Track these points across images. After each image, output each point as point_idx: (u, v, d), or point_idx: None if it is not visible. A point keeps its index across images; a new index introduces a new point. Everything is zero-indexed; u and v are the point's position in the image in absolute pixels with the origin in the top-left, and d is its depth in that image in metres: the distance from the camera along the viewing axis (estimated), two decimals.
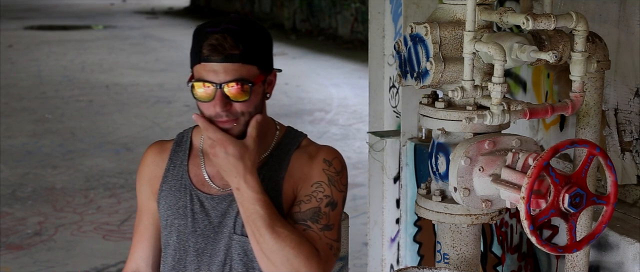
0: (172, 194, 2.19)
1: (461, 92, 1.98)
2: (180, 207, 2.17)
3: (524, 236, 2.76)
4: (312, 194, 2.13)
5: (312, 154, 2.19)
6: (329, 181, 2.15)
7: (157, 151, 2.27)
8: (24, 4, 25.77)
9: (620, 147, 2.50)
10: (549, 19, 1.92)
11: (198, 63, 2.05)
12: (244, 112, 2.06)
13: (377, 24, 3.76)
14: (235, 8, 22.57)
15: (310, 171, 2.15)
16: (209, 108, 2.05)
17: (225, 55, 2.02)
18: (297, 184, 2.15)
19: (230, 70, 2.02)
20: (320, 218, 2.11)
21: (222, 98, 2.03)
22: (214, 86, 2.03)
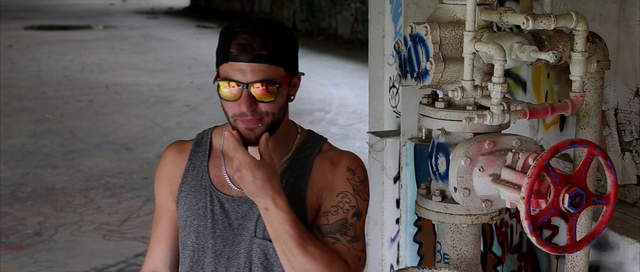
0: (192, 194, 2.18)
1: (461, 92, 1.98)
2: (200, 208, 2.17)
3: (524, 236, 2.76)
4: (339, 205, 2.13)
5: (334, 161, 2.18)
6: (354, 190, 2.15)
7: (176, 151, 2.26)
8: (24, 4, 25.78)
9: (620, 147, 2.50)
10: (549, 19, 1.92)
11: (225, 62, 2.04)
12: (268, 113, 2.05)
13: (377, 24, 3.76)
14: (235, 8, 22.58)
15: (334, 179, 2.15)
16: (234, 107, 2.04)
17: (253, 55, 2.01)
18: (322, 193, 2.15)
19: (258, 71, 2.02)
20: (348, 230, 2.12)
21: (248, 98, 2.02)
22: (240, 86, 2.02)
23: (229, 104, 2.05)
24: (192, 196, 2.18)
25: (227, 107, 2.07)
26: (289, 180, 2.15)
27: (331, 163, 2.17)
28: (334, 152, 2.21)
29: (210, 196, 2.17)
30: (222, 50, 2.06)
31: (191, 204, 2.18)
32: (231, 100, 2.04)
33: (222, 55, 2.05)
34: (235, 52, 2.01)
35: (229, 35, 2.05)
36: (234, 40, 2.02)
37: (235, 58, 2.01)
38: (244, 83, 2.01)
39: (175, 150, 2.26)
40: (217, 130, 2.26)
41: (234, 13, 22.41)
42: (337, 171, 2.16)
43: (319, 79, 12.27)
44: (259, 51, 2.01)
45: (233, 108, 2.05)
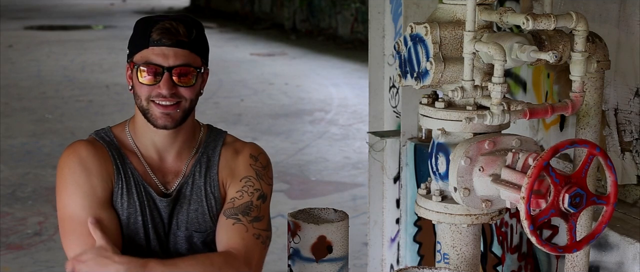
0: (130, 191, 2.23)
1: (461, 92, 1.98)
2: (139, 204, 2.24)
3: (524, 236, 2.76)
4: (243, 189, 2.24)
5: (238, 150, 2.30)
6: (257, 175, 2.27)
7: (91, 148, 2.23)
8: (24, 4, 25.77)
9: (620, 147, 2.50)
10: (549, 19, 1.92)
11: (145, 48, 2.10)
12: (186, 98, 2.14)
13: (377, 24, 3.76)
14: (235, 8, 22.57)
15: (237, 166, 2.26)
16: (151, 91, 2.11)
17: (177, 40, 2.10)
18: (226, 180, 2.26)
19: (180, 55, 2.10)
20: (251, 211, 2.22)
21: (169, 81, 2.10)
22: (161, 69, 2.09)
23: (145, 88, 2.12)
24: (130, 193, 2.23)
25: (142, 91, 2.13)
26: (201, 172, 2.26)
27: (235, 152, 2.29)
28: (238, 143, 2.32)
29: (145, 193, 2.23)
30: (140, 38, 2.12)
31: (132, 202, 2.23)
32: (150, 85, 2.11)
33: (141, 41, 2.12)
34: (157, 36, 2.09)
35: (148, 23, 2.13)
36: (154, 26, 2.10)
37: (157, 42, 2.09)
38: (165, 67, 2.09)
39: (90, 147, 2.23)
40: (117, 128, 2.30)
41: (234, 13, 22.41)
42: (239, 158, 2.27)
43: (319, 79, 12.27)
44: (182, 37, 2.10)
45: (150, 91, 2.11)
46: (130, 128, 2.27)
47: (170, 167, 2.27)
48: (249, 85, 11.68)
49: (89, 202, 2.19)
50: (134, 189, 2.23)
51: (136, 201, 2.22)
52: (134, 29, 2.17)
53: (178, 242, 2.26)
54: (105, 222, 2.19)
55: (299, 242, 2.40)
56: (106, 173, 2.21)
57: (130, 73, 2.17)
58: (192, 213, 2.25)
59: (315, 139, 8.43)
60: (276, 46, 15.96)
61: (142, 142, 2.25)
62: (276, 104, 10.35)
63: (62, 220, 2.22)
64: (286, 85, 11.61)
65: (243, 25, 20.13)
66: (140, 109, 2.17)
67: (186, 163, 2.27)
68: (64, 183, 2.20)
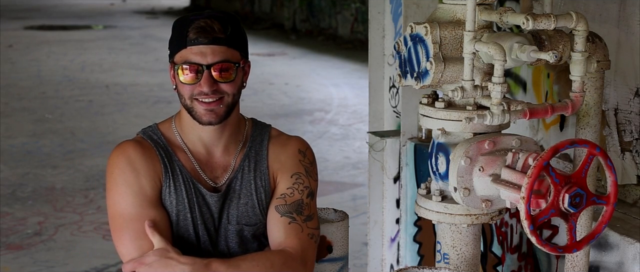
0: (179, 188, 2.24)
1: (461, 92, 1.98)
2: (189, 200, 2.24)
3: (524, 236, 2.76)
4: (294, 186, 2.26)
5: (285, 144, 2.31)
6: (306, 171, 2.29)
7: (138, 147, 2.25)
8: (24, 4, 25.78)
9: (620, 147, 2.50)
10: (549, 19, 1.92)
11: (184, 48, 2.13)
12: (228, 93, 2.16)
13: (377, 24, 3.76)
14: (235, 8, 22.57)
15: (286, 160, 2.28)
16: (193, 89, 2.14)
17: (213, 37, 2.12)
18: (276, 174, 2.27)
19: (218, 52, 2.13)
20: (303, 209, 2.24)
21: (209, 78, 2.12)
22: (201, 68, 2.11)
23: (187, 87, 2.14)
24: (179, 190, 2.24)
25: (185, 90, 2.15)
26: (250, 166, 2.27)
27: (282, 146, 2.31)
28: (284, 137, 2.34)
29: (194, 189, 2.24)
30: (178, 38, 2.15)
31: (181, 199, 2.24)
32: (191, 84, 2.13)
33: (179, 42, 2.14)
34: (194, 35, 2.12)
35: (184, 23, 2.15)
36: (190, 26, 2.12)
37: (194, 42, 2.12)
38: (204, 65, 2.12)
39: (137, 146, 2.25)
40: (163, 125, 2.32)
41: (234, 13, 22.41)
42: (289, 153, 2.29)
43: (319, 79, 12.27)
44: (218, 34, 2.13)
45: (192, 90, 2.14)
46: (177, 124, 2.29)
47: (219, 162, 2.27)
48: (249, 85, 11.51)
49: (139, 201, 2.20)
50: (183, 186, 2.23)
51: (185, 197, 2.23)
52: (172, 30, 2.20)
53: (229, 236, 2.27)
54: (157, 221, 2.20)
55: None
56: (154, 172, 2.22)
57: (172, 73, 2.20)
58: (242, 207, 2.26)
59: (315, 139, 8.43)
60: (276, 46, 15.96)
61: (190, 138, 2.26)
62: (276, 104, 10.35)
63: (113, 218, 2.22)
64: (286, 85, 11.61)
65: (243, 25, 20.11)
66: (185, 107, 2.19)
67: (234, 157, 2.27)
68: (115, 183, 2.22)
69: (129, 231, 2.19)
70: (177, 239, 2.24)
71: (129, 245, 2.19)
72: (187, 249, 2.22)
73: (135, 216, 2.19)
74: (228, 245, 2.27)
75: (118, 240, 2.22)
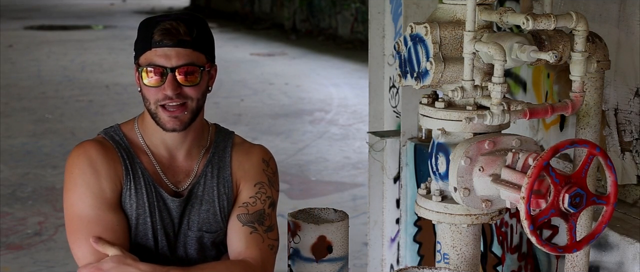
0: (139, 192, 2.21)
1: (461, 92, 1.98)
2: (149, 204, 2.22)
3: (524, 236, 2.76)
4: (257, 195, 2.23)
5: (248, 152, 2.29)
6: (269, 181, 2.27)
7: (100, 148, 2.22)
8: (24, 4, 25.77)
9: (620, 147, 2.50)
10: (549, 19, 1.92)
11: (148, 49, 2.09)
12: (192, 98, 2.12)
13: (377, 24, 3.76)
14: (235, 8, 22.56)
15: (250, 168, 2.26)
16: (157, 93, 2.10)
17: (178, 39, 2.08)
18: (239, 182, 2.25)
19: (183, 55, 2.08)
20: (265, 220, 2.22)
21: (173, 82, 2.08)
22: (165, 70, 2.07)
23: (152, 91, 2.10)
24: (140, 193, 2.21)
25: (149, 94, 2.11)
26: (213, 172, 2.24)
27: (246, 154, 2.28)
28: (247, 144, 2.31)
29: (155, 193, 2.21)
30: (143, 40, 2.11)
31: (141, 203, 2.21)
32: (155, 86, 2.09)
33: (144, 43, 2.10)
34: (159, 37, 2.07)
35: (150, 24, 2.11)
36: (156, 27, 2.08)
37: (159, 44, 2.07)
38: (168, 67, 2.07)
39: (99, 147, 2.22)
40: (126, 125, 2.30)
41: (234, 13, 22.41)
42: (252, 162, 2.26)
43: (319, 79, 12.26)
44: (184, 36, 2.08)
45: (156, 94, 2.09)
46: (140, 126, 2.25)
47: (181, 167, 2.25)
48: (249, 85, 11.68)
49: (98, 203, 2.16)
50: (144, 189, 2.20)
51: (146, 201, 2.20)
52: (138, 31, 2.16)
53: (188, 242, 2.25)
54: (115, 224, 2.16)
55: (299, 242, 2.40)
56: (115, 174, 2.18)
57: (137, 75, 2.15)
58: (203, 213, 2.23)
59: (315, 139, 8.43)
60: (276, 46, 15.96)
61: (152, 141, 2.23)
62: (276, 104, 10.35)
63: (70, 220, 2.18)
64: (286, 85, 11.60)
65: (243, 25, 20.12)
66: (149, 112, 2.16)
67: (197, 162, 2.25)
68: (74, 183, 2.18)
69: (86, 234, 2.14)
70: (134, 243, 2.22)
71: (85, 249, 2.14)
72: (144, 254, 2.20)
73: (94, 219, 2.15)
74: (186, 251, 2.25)
75: (74, 243, 2.17)
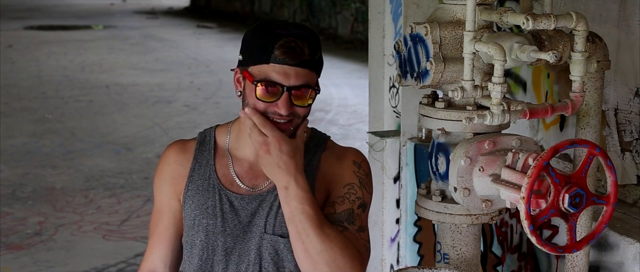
0: (200, 193, 2.18)
1: (461, 92, 1.98)
2: (208, 206, 2.17)
3: (524, 236, 2.76)
4: (345, 195, 2.16)
5: (340, 156, 2.22)
6: (360, 182, 2.19)
7: (179, 150, 2.24)
8: (24, 4, 25.77)
9: (620, 147, 2.50)
10: (549, 19, 1.92)
11: (266, 63, 2.03)
12: (301, 116, 2.08)
13: (377, 24, 3.76)
14: (235, 8, 22.56)
15: (341, 172, 2.19)
16: (268, 107, 2.05)
17: (300, 60, 2.03)
18: (329, 186, 2.18)
19: (302, 76, 2.04)
20: (354, 219, 2.14)
21: (288, 101, 2.03)
22: (281, 88, 2.03)
23: (262, 104, 2.05)
24: (200, 195, 2.18)
25: (258, 106, 2.06)
26: None
27: (337, 158, 2.21)
28: (339, 148, 2.25)
29: (219, 195, 2.17)
30: (261, 50, 2.04)
31: (200, 203, 2.17)
32: (268, 102, 2.04)
33: (261, 55, 2.04)
34: (281, 54, 2.01)
35: (270, 36, 2.04)
36: (277, 41, 2.02)
37: (281, 60, 2.02)
38: (286, 86, 2.03)
39: (178, 149, 2.25)
40: (220, 129, 2.26)
41: (234, 13, 22.41)
42: (343, 164, 2.20)
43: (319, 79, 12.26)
44: (306, 57, 2.04)
45: (266, 107, 2.05)
46: (233, 129, 2.22)
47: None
48: None
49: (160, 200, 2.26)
50: (208, 192, 2.17)
51: (206, 203, 2.17)
52: (253, 37, 2.09)
53: (263, 246, 2.15)
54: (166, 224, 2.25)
55: None
56: (179, 177, 2.22)
57: (240, 78, 2.10)
58: (280, 216, 2.14)
59: None
60: None
61: (239, 145, 2.19)
62: None
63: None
64: None
65: (243, 25, 20.12)
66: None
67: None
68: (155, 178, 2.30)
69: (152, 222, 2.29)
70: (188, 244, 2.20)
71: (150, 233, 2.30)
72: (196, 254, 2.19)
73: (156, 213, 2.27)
74: (261, 256, 2.16)
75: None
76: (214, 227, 2.16)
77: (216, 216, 2.16)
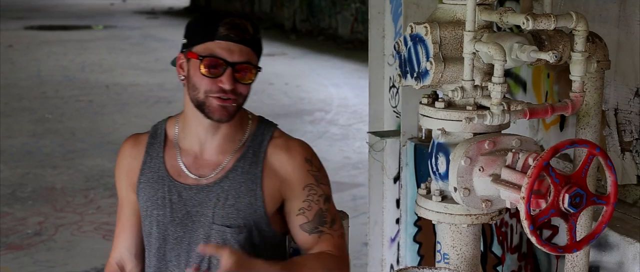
0: (150, 185, 2.26)
1: (461, 92, 1.98)
2: (158, 198, 2.25)
3: (524, 236, 2.76)
4: (309, 198, 2.24)
5: (288, 149, 2.27)
6: (317, 180, 2.27)
7: (132, 144, 2.33)
8: (24, 4, 25.77)
9: (620, 147, 2.50)
10: (549, 19, 1.92)
11: (211, 40, 2.11)
12: (243, 95, 2.16)
13: (377, 24, 3.76)
14: (235, 8, 22.56)
15: (294, 170, 2.25)
16: (212, 84, 2.12)
17: (243, 37, 2.12)
18: (284, 186, 2.24)
19: (245, 53, 2.12)
20: (325, 217, 2.24)
21: (231, 76, 2.11)
22: (225, 64, 2.10)
23: (206, 81, 2.12)
24: (151, 187, 2.26)
25: (202, 84, 2.13)
26: (244, 167, 2.24)
27: (286, 152, 2.27)
28: (286, 140, 2.30)
29: (168, 186, 2.24)
30: (205, 30, 2.13)
31: (150, 195, 2.26)
32: (211, 78, 2.11)
33: (206, 33, 2.12)
34: (225, 31, 2.10)
35: (215, 17, 2.14)
36: (222, 20, 2.11)
37: (225, 37, 2.10)
38: (229, 62, 2.10)
39: (132, 143, 2.34)
40: (170, 121, 2.33)
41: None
42: (295, 163, 2.25)
43: (319, 79, 12.27)
44: (249, 35, 2.13)
45: (210, 85, 2.12)
46: (180, 120, 2.29)
47: (210, 161, 2.25)
48: None
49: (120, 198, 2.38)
50: (157, 183, 2.25)
51: (156, 195, 2.25)
52: (196, 21, 2.18)
53: (212, 236, 2.22)
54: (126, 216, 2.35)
55: None
56: (132, 171, 2.30)
57: (184, 63, 2.18)
58: (228, 208, 2.22)
59: (315, 139, 8.43)
60: (276, 46, 15.95)
61: (185, 135, 2.26)
62: (276, 104, 10.35)
63: None
64: (286, 85, 11.61)
65: None
66: (196, 102, 2.16)
67: (229, 157, 2.24)
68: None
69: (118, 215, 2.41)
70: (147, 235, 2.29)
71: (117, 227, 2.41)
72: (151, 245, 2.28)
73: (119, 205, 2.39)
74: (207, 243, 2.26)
75: None
76: (164, 218, 2.24)
77: (165, 207, 2.23)
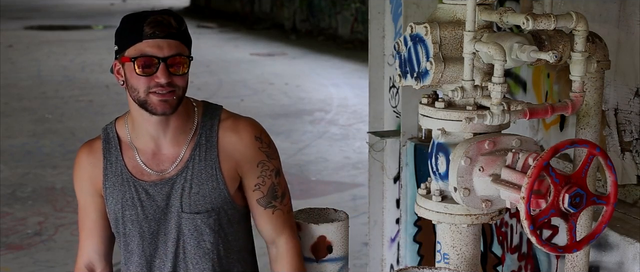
0: (117, 189, 2.33)
1: (461, 92, 1.98)
2: (127, 199, 2.32)
3: (524, 236, 2.76)
4: (262, 174, 2.35)
5: (237, 129, 2.36)
6: (268, 157, 2.37)
7: (88, 152, 2.40)
8: (24, 4, 25.77)
9: (620, 147, 2.50)
10: (549, 19, 1.92)
11: (139, 41, 2.19)
12: (180, 87, 2.23)
13: (377, 24, 3.76)
14: (235, 8, 22.56)
15: (245, 150, 2.34)
16: (149, 81, 2.20)
17: (168, 32, 2.20)
18: (239, 165, 2.34)
19: (173, 46, 2.20)
20: (276, 191, 2.36)
21: (165, 71, 2.18)
22: (157, 60, 2.18)
23: (143, 80, 2.20)
24: (118, 190, 2.33)
25: (139, 84, 2.21)
26: (201, 155, 2.32)
27: (236, 134, 2.35)
28: (234, 120, 2.38)
29: (134, 187, 2.32)
30: (132, 33, 2.21)
31: (119, 198, 2.33)
32: (147, 76, 2.19)
33: (133, 36, 2.20)
34: (150, 30, 2.19)
35: (137, 18, 2.22)
36: (145, 21, 2.19)
37: (151, 35, 2.19)
38: (160, 57, 2.18)
39: (88, 151, 2.40)
40: (119, 121, 2.40)
41: (234, 13, 22.40)
42: (245, 141, 2.35)
43: (319, 79, 12.27)
44: (173, 29, 2.21)
45: (147, 82, 2.20)
46: (129, 120, 2.36)
47: (167, 155, 2.32)
48: (249, 85, 11.68)
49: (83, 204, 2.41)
50: (123, 186, 2.31)
51: (125, 197, 2.31)
52: (122, 26, 2.25)
53: (183, 225, 2.31)
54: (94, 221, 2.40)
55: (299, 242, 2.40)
56: (96, 178, 2.36)
57: (120, 68, 2.25)
58: (193, 196, 2.30)
59: (315, 139, 8.43)
60: (276, 46, 15.96)
61: (138, 135, 2.32)
62: (276, 104, 10.35)
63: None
64: (286, 85, 11.60)
65: (243, 25, 20.13)
66: (138, 101, 2.23)
67: (184, 147, 2.31)
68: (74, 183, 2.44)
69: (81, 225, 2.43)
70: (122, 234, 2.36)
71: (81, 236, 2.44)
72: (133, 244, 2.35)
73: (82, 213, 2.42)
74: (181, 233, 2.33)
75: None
76: (136, 217, 2.32)
77: (136, 206, 2.32)
